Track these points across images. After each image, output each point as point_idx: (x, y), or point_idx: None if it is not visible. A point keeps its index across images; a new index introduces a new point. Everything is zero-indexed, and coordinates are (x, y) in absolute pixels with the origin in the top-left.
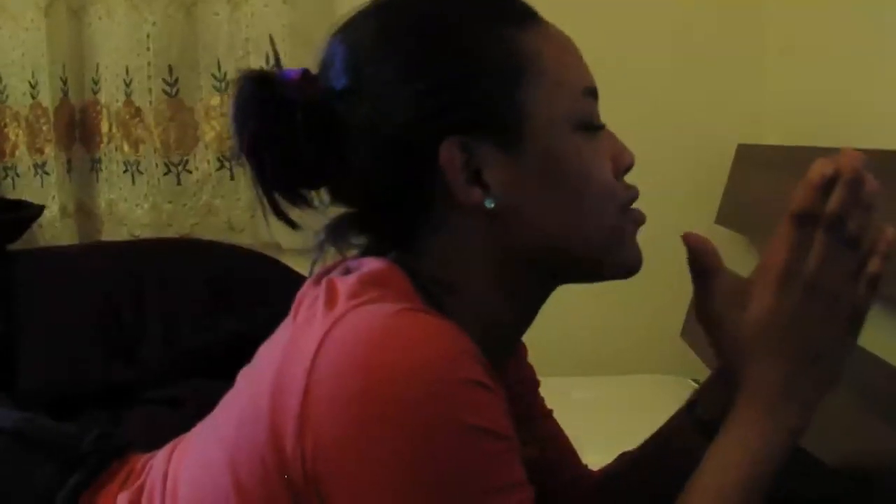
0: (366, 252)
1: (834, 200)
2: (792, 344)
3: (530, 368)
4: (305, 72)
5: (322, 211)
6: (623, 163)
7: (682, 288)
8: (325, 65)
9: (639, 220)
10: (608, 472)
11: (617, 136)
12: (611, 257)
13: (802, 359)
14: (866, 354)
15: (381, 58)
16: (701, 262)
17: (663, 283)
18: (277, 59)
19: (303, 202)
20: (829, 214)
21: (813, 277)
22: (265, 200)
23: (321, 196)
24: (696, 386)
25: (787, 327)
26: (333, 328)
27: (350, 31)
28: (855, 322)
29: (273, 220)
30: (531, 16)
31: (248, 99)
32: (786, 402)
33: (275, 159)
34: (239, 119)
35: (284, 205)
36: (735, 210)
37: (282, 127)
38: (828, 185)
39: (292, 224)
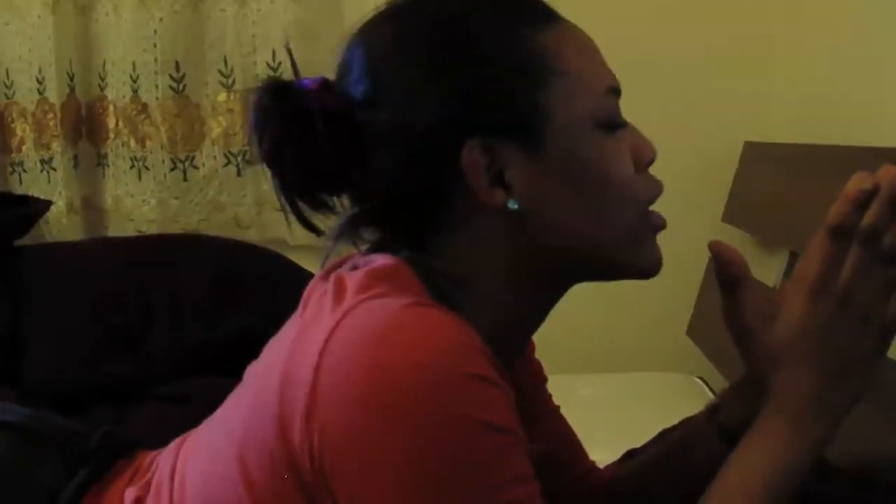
0: (376, 248)
1: (870, 215)
2: (822, 355)
3: (538, 364)
4: (324, 80)
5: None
6: (645, 157)
7: (689, 286)
8: (343, 70)
9: (659, 224)
10: (619, 472)
11: (639, 131)
12: (630, 258)
13: (832, 371)
14: None
15: (400, 63)
16: (728, 271)
17: (669, 280)
18: (295, 68)
19: (325, 208)
20: (865, 229)
21: (846, 290)
22: (289, 207)
23: (342, 200)
24: (701, 383)
25: (818, 339)
26: (341, 322)
27: (367, 34)
28: (885, 336)
29: (281, 216)
30: (552, 16)
31: (266, 109)
32: (813, 413)
33: (295, 167)
34: (258, 129)
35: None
36: (741, 208)
37: (301, 136)
38: (865, 199)
39: (317, 231)
